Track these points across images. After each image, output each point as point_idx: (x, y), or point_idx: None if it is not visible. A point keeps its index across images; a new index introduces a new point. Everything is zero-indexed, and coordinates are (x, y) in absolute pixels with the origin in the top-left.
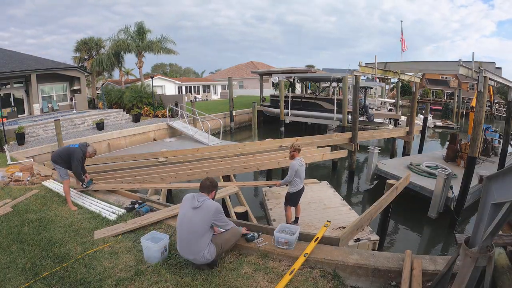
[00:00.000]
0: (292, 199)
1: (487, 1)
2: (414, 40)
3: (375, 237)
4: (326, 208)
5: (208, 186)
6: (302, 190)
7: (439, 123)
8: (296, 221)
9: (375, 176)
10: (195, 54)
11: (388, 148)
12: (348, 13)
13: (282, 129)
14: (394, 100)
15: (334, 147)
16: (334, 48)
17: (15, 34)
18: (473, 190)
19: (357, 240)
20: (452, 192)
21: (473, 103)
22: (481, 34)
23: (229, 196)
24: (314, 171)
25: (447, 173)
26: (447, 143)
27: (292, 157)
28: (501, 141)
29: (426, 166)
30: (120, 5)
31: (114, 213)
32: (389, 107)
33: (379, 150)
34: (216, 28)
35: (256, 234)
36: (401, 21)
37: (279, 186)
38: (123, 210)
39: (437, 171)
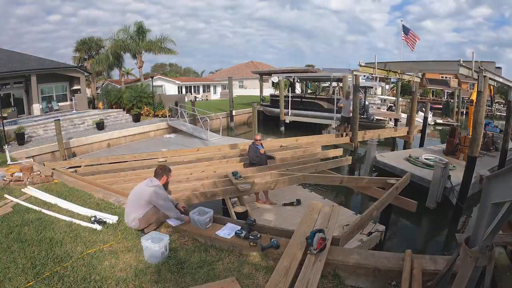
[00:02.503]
0: None
1: (495, 29)
2: (423, 48)
3: (381, 227)
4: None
5: (158, 173)
6: None
7: (439, 120)
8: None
9: (373, 168)
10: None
11: (388, 144)
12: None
13: (282, 128)
14: (394, 98)
15: (335, 147)
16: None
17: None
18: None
19: (369, 233)
20: (450, 182)
21: (473, 96)
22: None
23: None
24: None
25: (444, 162)
26: (447, 137)
27: None
28: (502, 135)
29: (425, 159)
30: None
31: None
32: (389, 104)
33: (378, 142)
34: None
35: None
36: (401, 20)
37: None
38: None
39: (434, 162)
